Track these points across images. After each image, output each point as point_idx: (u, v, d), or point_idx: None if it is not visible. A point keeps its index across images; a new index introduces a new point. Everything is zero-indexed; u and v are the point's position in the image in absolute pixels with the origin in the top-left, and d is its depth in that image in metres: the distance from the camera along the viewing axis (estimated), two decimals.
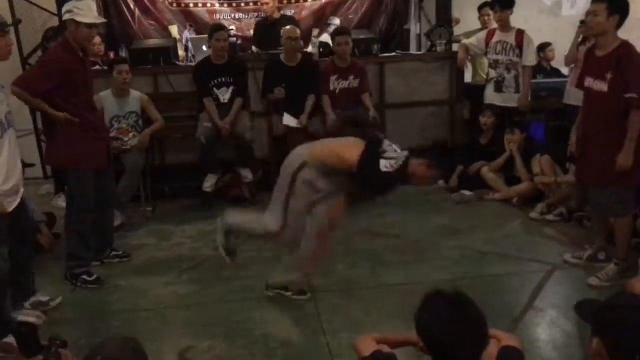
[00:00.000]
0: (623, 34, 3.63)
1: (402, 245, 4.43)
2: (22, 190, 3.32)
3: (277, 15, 6.83)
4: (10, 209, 3.16)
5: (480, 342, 1.72)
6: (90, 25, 3.77)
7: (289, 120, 5.42)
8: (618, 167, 3.50)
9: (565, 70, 6.21)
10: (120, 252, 4.34)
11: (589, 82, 3.69)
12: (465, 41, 5.91)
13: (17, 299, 3.40)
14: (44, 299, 3.56)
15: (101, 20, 4.01)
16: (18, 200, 3.25)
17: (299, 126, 5.41)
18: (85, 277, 3.91)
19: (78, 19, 3.71)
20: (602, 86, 3.56)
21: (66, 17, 3.75)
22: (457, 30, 6.55)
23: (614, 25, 3.52)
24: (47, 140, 3.81)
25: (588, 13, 3.73)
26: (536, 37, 5.80)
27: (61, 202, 5.21)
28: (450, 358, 1.71)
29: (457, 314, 1.71)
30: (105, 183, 4.09)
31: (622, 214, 3.69)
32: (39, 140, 6.17)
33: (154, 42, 6.52)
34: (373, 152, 3.26)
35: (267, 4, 6.77)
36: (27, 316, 2.71)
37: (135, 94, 5.20)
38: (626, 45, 3.55)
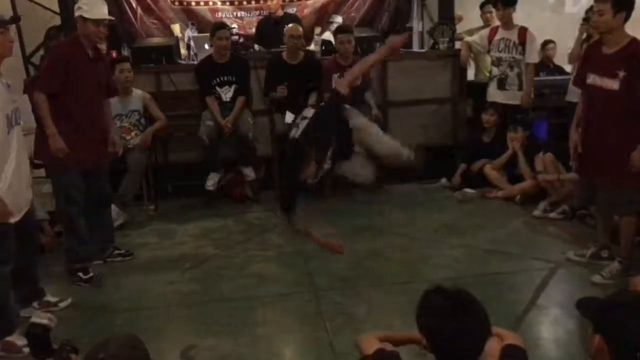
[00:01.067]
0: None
1: (404, 243, 4.42)
2: (30, 193, 3.33)
3: (280, 13, 6.83)
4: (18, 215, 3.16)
5: (481, 335, 1.72)
6: (97, 22, 3.77)
7: (291, 118, 5.41)
8: (634, 167, 3.42)
9: (568, 68, 6.19)
10: (123, 251, 4.34)
11: (593, 79, 3.61)
12: (467, 39, 5.90)
13: (26, 298, 3.42)
14: (53, 299, 3.56)
15: (108, 17, 3.94)
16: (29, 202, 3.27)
17: None
18: (80, 274, 3.91)
19: (85, 15, 3.74)
20: (612, 84, 3.48)
21: (76, 13, 3.81)
22: (460, 28, 6.53)
23: (621, 22, 3.45)
24: (38, 134, 3.80)
25: (592, 12, 3.66)
26: (539, 35, 5.77)
27: None
28: (452, 353, 1.71)
29: (457, 308, 1.71)
30: (98, 182, 4.05)
31: (629, 212, 3.67)
32: None
33: (156, 40, 6.52)
34: None
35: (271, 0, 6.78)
36: (40, 318, 2.72)
37: (137, 92, 5.20)
38: (637, 42, 3.46)
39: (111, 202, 4.44)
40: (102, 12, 3.84)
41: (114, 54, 6.12)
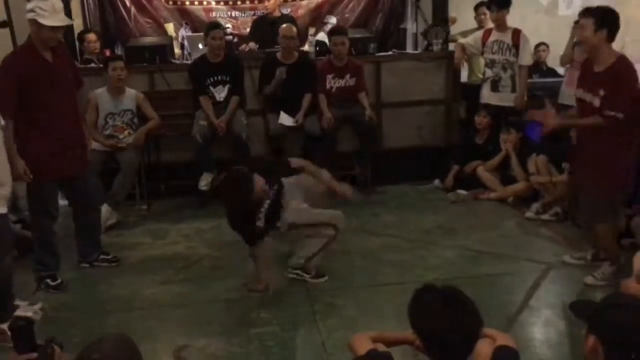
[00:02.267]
0: (619, 34, 3.59)
1: (397, 244, 4.42)
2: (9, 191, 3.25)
3: (277, 14, 6.82)
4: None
5: (473, 332, 1.73)
6: (53, 28, 3.52)
7: (284, 119, 5.41)
8: (544, 127, 3.72)
9: (561, 70, 6.22)
10: (110, 257, 4.23)
11: (580, 93, 3.67)
12: (461, 40, 5.91)
13: None
14: (23, 303, 3.47)
15: (66, 22, 3.70)
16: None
17: (294, 125, 5.40)
18: (48, 280, 3.83)
19: (40, 20, 3.47)
20: (594, 101, 3.53)
21: (28, 16, 3.52)
22: (454, 30, 6.56)
23: (602, 39, 3.45)
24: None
25: (578, 24, 3.69)
26: (532, 37, 5.81)
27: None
28: (445, 350, 1.72)
29: (449, 305, 1.73)
30: (82, 187, 3.97)
31: (599, 221, 3.66)
32: None
33: (149, 39, 6.51)
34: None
35: (268, 0, 6.78)
36: (25, 311, 2.69)
37: (130, 92, 5.18)
38: (621, 61, 3.48)
39: (96, 205, 4.34)
40: (59, 18, 3.57)
41: (108, 53, 6.11)
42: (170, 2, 7.38)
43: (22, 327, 1.96)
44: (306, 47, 6.34)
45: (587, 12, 3.52)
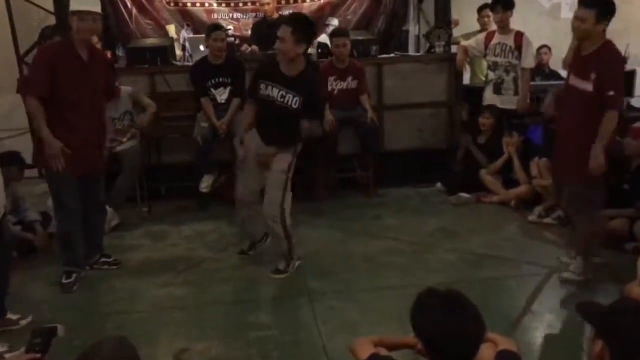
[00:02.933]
0: (621, 36, 3.59)
1: (399, 247, 4.40)
2: (3, 197, 3.24)
3: (276, 16, 6.81)
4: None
5: (476, 336, 1.72)
6: (82, 15, 3.64)
7: None
8: (592, 171, 3.47)
9: (563, 73, 6.20)
10: (111, 260, 4.22)
11: (573, 80, 3.66)
12: (464, 43, 5.89)
13: None
14: (14, 317, 3.45)
15: (93, 8, 3.79)
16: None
17: None
18: (64, 277, 3.85)
19: (72, 8, 3.66)
20: (586, 86, 3.53)
21: (71, 10, 3.71)
22: (456, 32, 6.54)
23: (601, 30, 3.48)
24: (34, 139, 3.72)
25: (574, 17, 3.66)
26: (535, 40, 5.79)
27: None
28: (447, 354, 1.70)
29: (452, 309, 1.72)
30: (93, 188, 3.99)
31: (585, 212, 3.63)
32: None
33: (151, 41, 6.49)
34: None
35: (267, 4, 6.75)
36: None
37: (125, 90, 5.18)
38: (607, 44, 3.50)
39: (105, 208, 4.35)
40: (88, 4, 3.72)
41: (109, 55, 6.10)
42: (172, 4, 7.36)
43: (43, 332, 1.98)
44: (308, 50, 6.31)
45: (588, 2, 3.48)
